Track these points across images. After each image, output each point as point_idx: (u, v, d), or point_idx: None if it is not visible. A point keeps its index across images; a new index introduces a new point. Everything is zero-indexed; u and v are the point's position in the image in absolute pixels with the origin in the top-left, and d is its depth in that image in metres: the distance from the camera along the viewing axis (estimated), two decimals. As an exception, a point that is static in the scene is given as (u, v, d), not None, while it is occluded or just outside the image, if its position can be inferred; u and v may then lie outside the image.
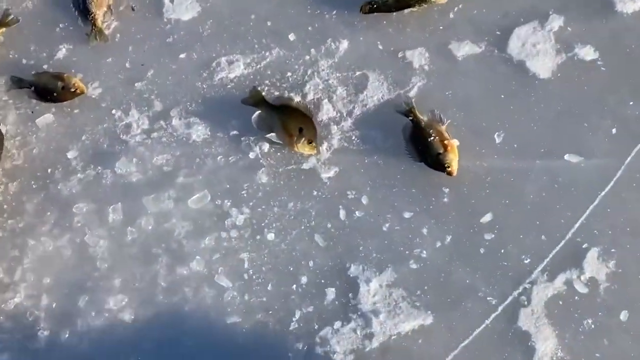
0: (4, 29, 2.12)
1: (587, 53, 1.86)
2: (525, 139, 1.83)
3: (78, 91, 2.02)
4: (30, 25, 2.13)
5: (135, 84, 2.04)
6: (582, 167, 1.79)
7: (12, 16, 2.13)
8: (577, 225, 1.74)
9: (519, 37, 1.91)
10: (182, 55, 2.05)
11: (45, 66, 2.08)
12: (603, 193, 1.75)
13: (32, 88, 2.04)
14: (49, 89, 2.03)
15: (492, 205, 1.79)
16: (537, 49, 1.89)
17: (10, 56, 2.11)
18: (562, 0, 1.92)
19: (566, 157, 1.80)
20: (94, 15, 2.08)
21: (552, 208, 1.77)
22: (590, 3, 1.91)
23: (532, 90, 1.86)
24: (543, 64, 1.88)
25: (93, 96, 2.04)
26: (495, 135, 1.84)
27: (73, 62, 2.08)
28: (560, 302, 1.71)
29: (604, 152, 1.79)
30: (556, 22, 1.90)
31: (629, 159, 1.77)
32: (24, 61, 2.10)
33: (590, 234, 1.75)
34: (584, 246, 1.74)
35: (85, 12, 2.09)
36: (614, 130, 1.80)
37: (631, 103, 1.81)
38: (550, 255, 1.73)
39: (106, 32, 2.08)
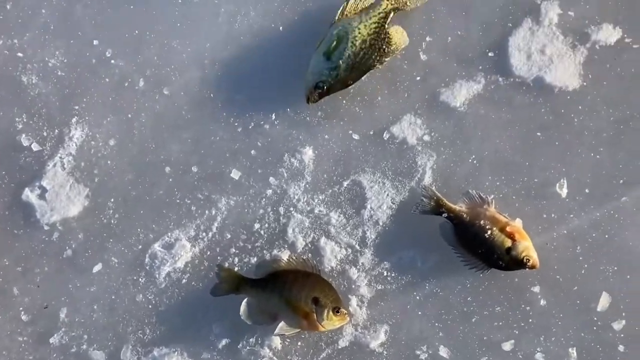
0: None
1: (609, 34, 1.41)
2: (595, 176, 1.36)
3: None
4: None
5: (51, 340, 1.36)
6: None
7: None
8: None
9: (518, 48, 1.42)
10: (96, 268, 1.39)
11: None
12: None
13: None
14: None
15: (598, 280, 1.31)
16: (547, 55, 1.41)
17: None
18: (541, -20, 1.46)
19: (656, 176, 1.36)
20: (-62, 268, 1.37)
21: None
22: (577, -29, 1.46)
23: (569, 109, 1.39)
24: (565, 70, 1.40)
25: (-3, 387, 1.35)
26: (557, 188, 1.36)
27: (-60, 350, 1.37)
28: None
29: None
30: (551, 10, 1.43)
31: None
32: None
33: None
34: None
35: None
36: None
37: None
38: None
39: (-32, 283, 1.39)
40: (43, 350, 1.35)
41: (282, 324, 1.30)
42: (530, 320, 1.31)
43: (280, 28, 1.48)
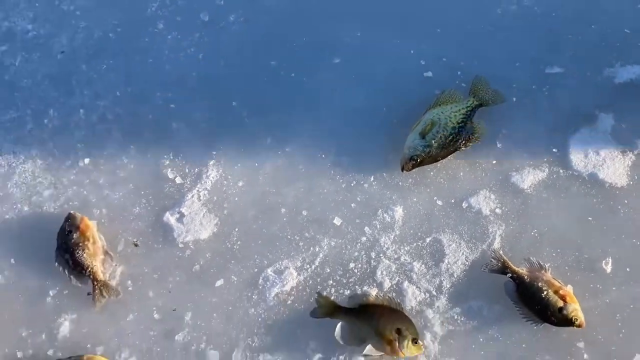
0: (-24, 322, 1.67)
1: (653, 145, 1.75)
2: (635, 259, 1.65)
3: (109, 373, 1.60)
4: (9, 307, 1.70)
5: (176, 337, 1.65)
6: None
7: (-20, 302, 1.69)
8: None
9: (577, 148, 1.76)
10: (219, 283, 1.69)
11: (50, 352, 1.65)
12: None
13: (46, 388, 1.60)
14: (69, 383, 1.59)
15: (633, 343, 1.59)
16: (601, 156, 1.74)
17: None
18: (600, 95, 1.80)
19: (686, 263, 1.65)
20: (91, 268, 1.68)
21: (698, 325, 1.60)
22: (628, 92, 1.81)
23: (617, 202, 1.70)
24: (615, 170, 1.73)
25: (128, 371, 1.63)
26: (603, 264, 1.65)
27: (84, 335, 1.66)
28: None
29: None
30: (606, 121, 1.78)
31: None
32: (19, 354, 1.65)
33: None
34: None
35: (78, 269, 1.68)
36: None
37: None
38: None
39: (112, 283, 1.69)
40: (168, 344, 1.64)
41: (369, 347, 1.57)
42: (574, 370, 1.58)
43: (384, 109, 1.84)
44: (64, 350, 1.64)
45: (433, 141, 1.73)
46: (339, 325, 1.60)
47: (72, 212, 1.73)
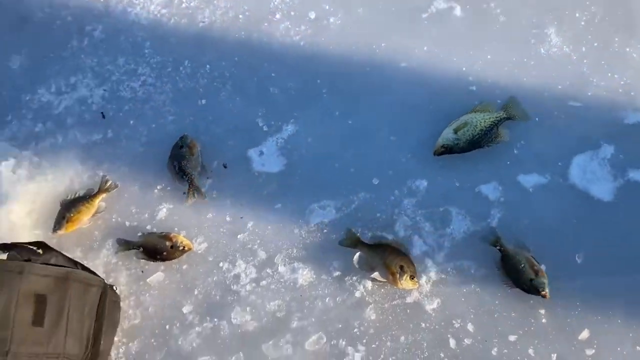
0: (104, 195, 2.30)
1: (640, 176, 2.15)
2: (604, 258, 2.04)
3: (186, 249, 2.18)
4: (129, 189, 2.33)
5: (238, 236, 2.22)
6: (661, 278, 2.01)
7: (110, 182, 2.32)
8: (666, 333, 1.94)
9: (578, 165, 2.18)
10: (277, 206, 2.25)
11: (148, 227, 2.26)
12: (684, 300, 1.97)
13: (141, 249, 2.20)
14: (158, 249, 2.18)
15: (587, 321, 1.98)
16: (596, 175, 2.16)
17: (114, 220, 2.28)
18: (608, 129, 2.22)
19: (644, 271, 2.02)
20: (190, 176, 2.28)
21: (642, 319, 1.97)
22: (632, 132, 2.21)
23: (598, 213, 2.10)
24: (604, 188, 2.14)
25: (199, 251, 2.21)
26: (576, 257, 2.06)
27: (175, 220, 2.26)
28: (668, 408, 1.88)
29: (676, 263, 2.03)
30: (607, 150, 2.19)
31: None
32: (127, 223, 2.27)
33: (680, 340, 1.94)
34: (676, 352, 1.93)
35: (181, 174, 2.29)
36: (680, 243, 2.05)
37: (689, 217, 2.07)
38: (649, 365, 1.91)
39: (203, 189, 2.28)
40: (232, 240, 2.21)
41: (376, 273, 2.06)
42: (532, 328, 1.98)
43: (431, 107, 2.34)
44: (158, 227, 2.25)
45: (463, 137, 2.21)
46: (357, 254, 2.11)
47: (185, 133, 2.35)
